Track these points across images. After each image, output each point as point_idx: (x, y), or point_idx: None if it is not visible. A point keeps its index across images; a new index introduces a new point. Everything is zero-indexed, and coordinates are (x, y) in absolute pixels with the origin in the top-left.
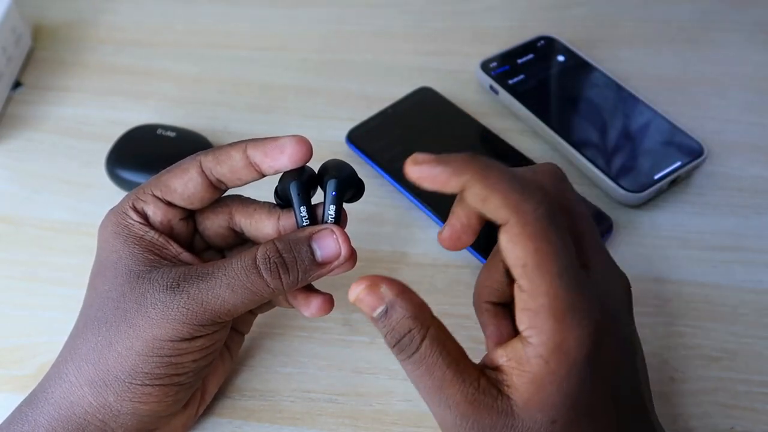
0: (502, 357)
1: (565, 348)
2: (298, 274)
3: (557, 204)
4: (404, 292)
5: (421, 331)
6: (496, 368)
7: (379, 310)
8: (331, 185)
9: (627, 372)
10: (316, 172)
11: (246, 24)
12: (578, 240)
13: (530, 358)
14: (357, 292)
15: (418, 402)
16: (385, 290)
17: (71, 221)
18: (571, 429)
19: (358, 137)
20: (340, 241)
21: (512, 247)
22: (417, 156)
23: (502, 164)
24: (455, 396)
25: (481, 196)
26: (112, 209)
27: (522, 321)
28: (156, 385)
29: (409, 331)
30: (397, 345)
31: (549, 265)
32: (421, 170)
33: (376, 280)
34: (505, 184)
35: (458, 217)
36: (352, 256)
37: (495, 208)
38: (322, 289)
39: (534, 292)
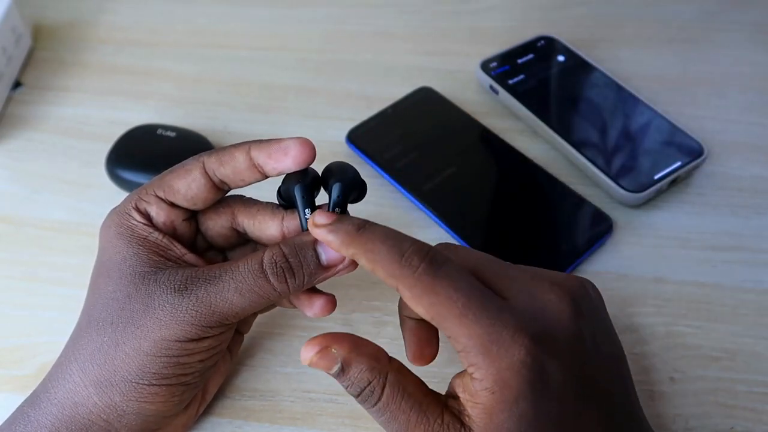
0: (459, 388)
1: (504, 377)
2: (303, 277)
3: (444, 255)
4: (356, 346)
5: (380, 380)
6: (456, 397)
7: (335, 369)
8: (335, 189)
9: (589, 380)
10: (319, 173)
11: (246, 24)
12: (486, 277)
13: (478, 391)
14: (309, 357)
15: None
16: (336, 350)
17: (71, 221)
18: None
19: (358, 137)
20: None
21: (414, 307)
22: (316, 218)
23: (386, 231)
24: None
25: (369, 269)
26: (114, 209)
27: (463, 361)
28: (163, 384)
29: (369, 384)
30: (359, 396)
31: (449, 312)
32: (318, 234)
33: (324, 343)
34: (384, 255)
35: (409, 336)
36: None
37: (383, 278)
38: (323, 289)
39: (454, 337)
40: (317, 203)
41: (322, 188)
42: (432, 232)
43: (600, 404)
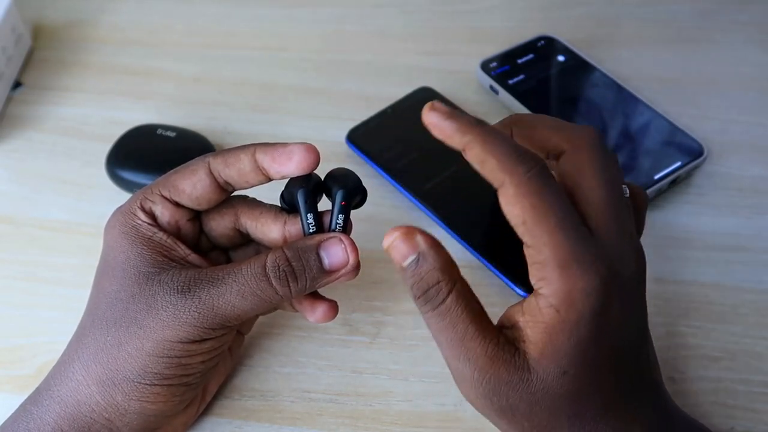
0: (518, 312)
1: (573, 297)
2: (306, 281)
3: (550, 172)
4: (437, 245)
5: (449, 284)
6: (512, 325)
7: (411, 258)
8: (339, 195)
9: (633, 335)
10: (322, 178)
11: (246, 24)
12: (586, 207)
13: (542, 308)
14: (391, 239)
15: (418, 402)
16: (419, 240)
17: (71, 221)
18: (580, 381)
19: (358, 137)
20: (348, 250)
21: (510, 207)
22: (435, 103)
23: (504, 133)
24: (476, 350)
25: (479, 158)
26: (119, 209)
27: (533, 275)
28: (165, 385)
29: (437, 283)
30: (423, 296)
31: (547, 219)
32: (433, 117)
33: (411, 229)
34: (501, 149)
35: None
36: (358, 264)
37: (491, 171)
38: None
39: (537, 245)
40: (320, 209)
41: (324, 194)
42: (432, 232)
43: (643, 362)
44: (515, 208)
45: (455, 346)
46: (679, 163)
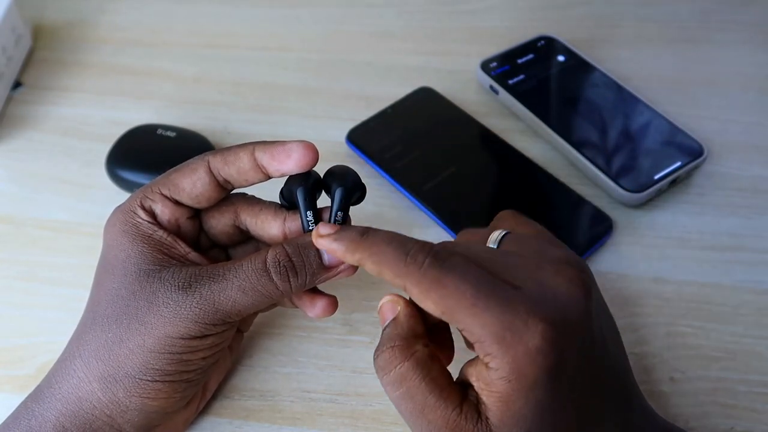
0: (472, 377)
1: (519, 365)
2: (306, 277)
3: (448, 249)
4: (410, 314)
5: (405, 352)
6: (469, 386)
7: (387, 321)
8: (338, 192)
9: (594, 361)
10: (321, 175)
11: (246, 24)
12: (491, 268)
13: (494, 380)
14: (383, 301)
15: None
16: (400, 309)
17: (71, 221)
18: None
19: (358, 137)
20: None
21: (424, 305)
22: (320, 229)
23: (389, 234)
24: (437, 421)
25: (375, 271)
26: (119, 207)
27: (478, 352)
28: (166, 381)
29: (392, 347)
30: (378, 358)
31: (459, 303)
32: (323, 243)
33: (397, 298)
34: (389, 256)
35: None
36: None
37: (391, 280)
38: (324, 290)
39: (467, 329)
40: (319, 206)
41: (323, 191)
42: (432, 232)
43: (607, 385)
44: (427, 304)
45: (416, 417)
46: (679, 163)
